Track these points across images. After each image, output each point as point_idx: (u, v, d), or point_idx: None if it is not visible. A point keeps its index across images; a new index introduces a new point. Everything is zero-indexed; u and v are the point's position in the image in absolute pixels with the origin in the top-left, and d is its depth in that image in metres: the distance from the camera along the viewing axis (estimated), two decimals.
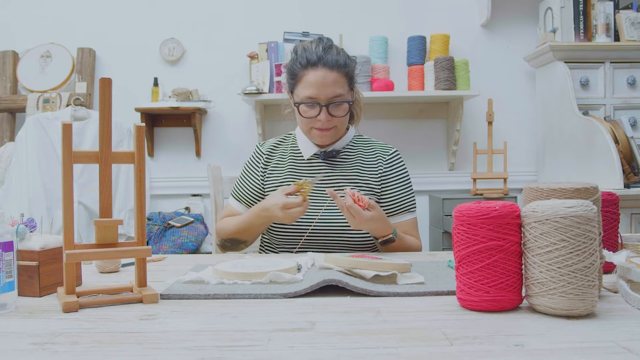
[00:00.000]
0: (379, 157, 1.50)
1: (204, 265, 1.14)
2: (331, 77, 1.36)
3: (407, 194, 1.48)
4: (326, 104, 1.37)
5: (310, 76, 1.37)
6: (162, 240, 2.68)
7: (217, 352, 0.62)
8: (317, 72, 1.36)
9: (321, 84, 1.36)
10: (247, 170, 1.54)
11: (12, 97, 2.87)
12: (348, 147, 1.50)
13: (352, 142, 1.51)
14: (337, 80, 1.37)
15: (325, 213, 1.40)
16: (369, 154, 1.50)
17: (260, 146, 1.56)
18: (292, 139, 1.54)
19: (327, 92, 1.36)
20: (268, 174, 1.50)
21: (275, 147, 1.54)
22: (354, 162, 1.48)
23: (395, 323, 0.73)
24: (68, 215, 0.84)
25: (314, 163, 1.48)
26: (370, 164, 1.48)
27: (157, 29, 2.96)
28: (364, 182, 1.45)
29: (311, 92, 1.36)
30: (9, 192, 2.65)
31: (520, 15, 2.98)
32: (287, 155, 1.51)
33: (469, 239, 0.76)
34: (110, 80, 0.87)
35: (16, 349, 0.65)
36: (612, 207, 0.96)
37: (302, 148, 1.49)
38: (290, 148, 1.52)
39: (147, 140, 2.96)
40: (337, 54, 1.39)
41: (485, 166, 2.91)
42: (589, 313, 0.74)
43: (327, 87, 1.36)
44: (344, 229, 1.38)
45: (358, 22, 2.97)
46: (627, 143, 2.41)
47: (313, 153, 1.47)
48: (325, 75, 1.36)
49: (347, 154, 1.49)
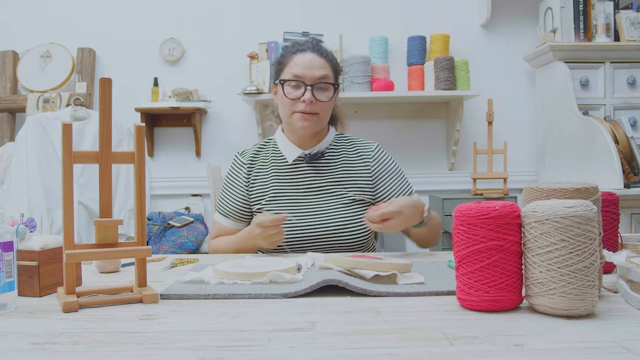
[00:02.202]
0: (364, 156, 1.48)
1: (204, 265, 1.14)
2: (319, 62, 1.39)
3: (401, 182, 1.48)
4: (311, 84, 1.37)
5: (297, 58, 1.40)
6: (162, 240, 2.68)
7: (217, 352, 0.62)
8: (306, 55, 1.40)
9: (308, 65, 1.38)
10: (229, 182, 1.50)
11: (12, 97, 2.87)
12: (331, 148, 1.48)
13: (334, 143, 1.50)
14: (324, 65, 1.40)
15: (316, 217, 1.39)
16: (354, 153, 1.49)
17: (240, 156, 1.51)
18: (272, 144, 1.51)
19: (314, 72, 1.37)
20: (252, 183, 1.47)
21: (256, 154, 1.50)
22: (340, 163, 1.46)
23: (395, 323, 0.73)
24: (68, 215, 0.84)
25: (299, 167, 1.45)
26: (358, 164, 1.47)
27: (157, 29, 2.96)
28: (352, 181, 1.44)
29: (297, 70, 1.38)
30: (9, 192, 2.65)
31: (520, 15, 2.98)
32: (269, 161, 1.48)
33: (469, 239, 0.76)
34: (110, 80, 0.87)
35: (16, 349, 0.65)
36: (612, 207, 0.96)
37: (285, 152, 1.46)
38: (272, 154, 1.48)
39: (147, 140, 2.96)
40: (327, 49, 1.44)
41: (485, 166, 2.91)
42: (589, 313, 0.74)
43: (314, 69, 1.38)
44: (336, 232, 1.37)
45: (358, 22, 2.97)
46: (627, 143, 2.40)
47: (297, 156, 1.44)
48: (313, 58, 1.39)
49: (331, 155, 1.47)
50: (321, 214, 1.39)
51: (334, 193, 1.42)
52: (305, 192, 1.42)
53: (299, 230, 1.38)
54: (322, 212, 1.40)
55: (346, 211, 1.40)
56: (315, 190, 1.43)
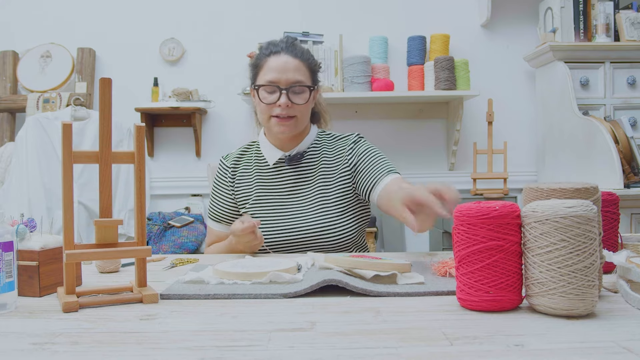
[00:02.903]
0: (342, 151, 1.45)
1: (204, 265, 1.14)
2: (293, 63, 1.36)
3: (381, 160, 1.39)
4: (286, 88, 1.35)
5: (271, 61, 1.37)
6: (162, 240, 2.68)
7: (217, 352, 0.62)
8: (279, 57, 1.37)
9: (282, 68, 1.35)
10: (216, 188, 1.51)
11: (12, 97, 2.87)
12: (312, 148, 1.46)
13: (316, 141, 1.47)
14: (299, 67, 1.37)
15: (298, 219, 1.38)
16: (332, 150, 1.46)
17: (224, 160, 1.52)
18: (255, 147, 1.51)
19: (288, 76, 1.35)
20: (236, 186, 1.47)
21: (239, 158, 1.51)
22: (319, 162, 1.44)
23: (395, 323, 0.73)
24: (68, 215, 0.84)
25: (280, 169, 1.44)
26: (335, 159, 1.44)
27: (157, 29, 2.96)
28: (331, 178, 1.42)
29: (272, 76, 1.35)
30: (9, 192, 2.65)
31: (520, 15, 2.98)
32: (252, 164, 1.48)
33: (469, 239, 0.76)
34: (110, 80, 0.87)
35: (16, 349, 0.65)
36: (612, 207, 0.96)
37: (267, 154, 1.45)
38: (254, 156, 1.49)
39: (147, 140, 2.96)
40: (301, 48, 1.40)
41: (485, 166, 2.91)
42: (589, 313, 0.74)
43: (288, 72, 1.35)
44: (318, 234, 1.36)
45: (358, 22, 2.97)
46: (627, 143, 2.41)
47: (278, 158, 1.43)
48: (287, 60, 1.36)
49: (311, 156, 1.45)
50: (302, 215, 1.38)
51: (315, 194, 1.41)
52: (287, 194, 1.42)
53: (281, 232, 1.37)
54: (304, 214, 1.38)
55: (328, 211, 1.38)
56: (296, 192, 1.42)
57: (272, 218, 1.39)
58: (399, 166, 2.74)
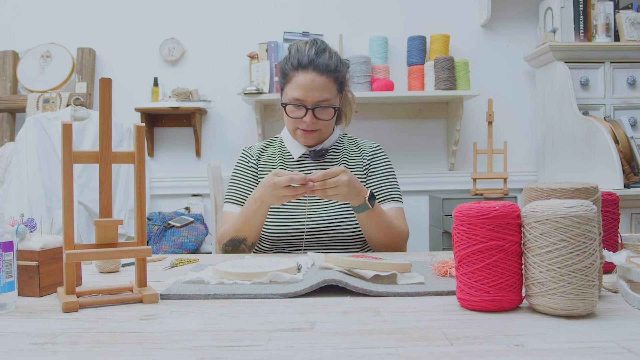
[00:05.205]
0: (363, 152, 1.54)
1: (204, 265, 1.14)
2: (320, 82, 1.38)
3: (390, 184, 1.50)
4: (312, 107, 1.39)
5: (299, 78, 1.39)
6: (162, 240, 2.68)
7: (217, 352, 0.62)
8: (307, 75, 1.38)
9: (309, 87, 1.38)
10: (239, 172, 1.54)
11: (12, 97, 2.87)
12: (335, 146, 1.54)
13: (338, 141, 1.56)
14: (325, 85, 1.39)
15: (317, 212, 1.41)
16: (354, 150, 1.55)
17: (248, 149, 1.58)
18: (279, 141, 1.57)
19: (315, 95, 1.38)
20: (260, 173, 1.52)
21: (263, 150, 1.57)
22: (341, 160, 1.52)
23: (395, 323, 0.73)
24: (68, 215, 0.84)
25: (304, 162, 1.51)
26: (355, 159, 1.53)
27: (157, 29, 2.96)
28: None
29: (299, 94, 1.39)
30: (9, 192, 2.65)
31: (520, 15, 2.98)
32: (276, 156, 1.54)
33: (469, 239, 0.76)
34: (110, 80, 0.87)
35: (16, 349, 0.65)
36: (612, 207, 0.96)
37: (291, 149, 1.52)
38: (278, 150, 1.55)
39: (147, 140, 2.96)
40: (329, 58, 1.41)
41: (485, 166, 2.91)
42: (589, 313, 0.74)
43: (315, 90, 1.38)
44: (335, 228, 1.40)
45: (358, 22, 2.97)
46: (627, 143, 2.40)
47: (302, 153, 1.50)
48: (314, 78, 1.38)
49: (334, 153, 1.53)
50: (323, 209, 1.42)
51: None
52: None
53: (301, 223, 1.40)
54: (324, 207, 1.43)
55: (347, 206, 1.42)
56: None
57: (293, 209, 1.43)
58: (399, 166, 2.75)
